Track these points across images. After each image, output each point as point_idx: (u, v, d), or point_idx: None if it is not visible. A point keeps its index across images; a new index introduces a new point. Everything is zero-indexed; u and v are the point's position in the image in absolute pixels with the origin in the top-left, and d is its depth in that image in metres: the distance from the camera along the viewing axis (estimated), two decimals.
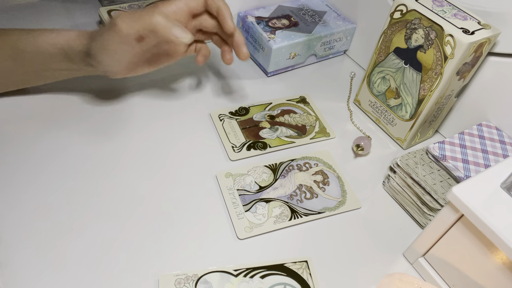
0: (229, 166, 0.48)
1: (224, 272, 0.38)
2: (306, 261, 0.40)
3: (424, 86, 0.47)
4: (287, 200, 0.45)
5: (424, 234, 0.39)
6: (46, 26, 0.62)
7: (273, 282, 0.38)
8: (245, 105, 0.55)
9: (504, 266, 0.33)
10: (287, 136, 0.52)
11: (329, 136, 0.53)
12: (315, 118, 0.55)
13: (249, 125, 0.53)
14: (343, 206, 0.45)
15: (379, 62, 0.52)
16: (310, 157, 0.50)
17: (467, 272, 0.36)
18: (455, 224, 0.36)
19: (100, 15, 0.61)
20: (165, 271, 0.38)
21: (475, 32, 0.42)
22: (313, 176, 0.48)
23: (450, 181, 0.44)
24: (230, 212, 0.43)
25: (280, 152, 0.51)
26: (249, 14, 0.61)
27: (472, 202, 0.33)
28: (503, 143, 0.47)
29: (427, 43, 0.45)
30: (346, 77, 0.63)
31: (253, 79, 0.60)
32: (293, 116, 0.55)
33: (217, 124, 0.52)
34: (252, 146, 0.50)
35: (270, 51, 0.57)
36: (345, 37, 0.63)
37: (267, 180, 0.47)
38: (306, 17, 0.63)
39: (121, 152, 0.47)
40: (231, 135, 0.51)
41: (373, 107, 0.55)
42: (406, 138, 0.52)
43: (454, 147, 0.46)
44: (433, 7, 0.45)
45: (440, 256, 0.39)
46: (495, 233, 0.31)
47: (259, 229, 0.42)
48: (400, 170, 0.45)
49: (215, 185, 0.46)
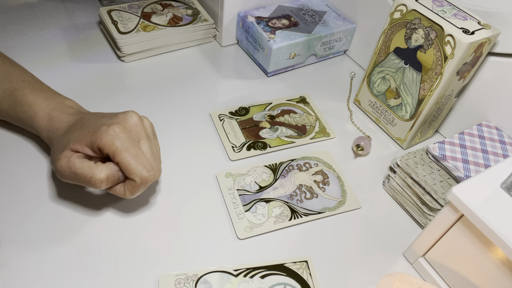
0: (229, 166, 0.48)
1: (224, 272, 0.38)
2: (306, 261, 0.40)
3: (424, 86, 0.47)
4: (287, 200, 0.45)
5: (424, 234, 0.39)
6: (46, 26, 0.62)
7: (273, 282, 0.38)
8: (245, 105, 0.55)
9: (504, 266, 0.33)
10: (287, 136, 0.52)
11: (329, 136, 0.53)
12: (315, 118, 0.55)
13: (249, 125, 0.53)
14: (343, 206, 0.45)
15: (379, 62, 0.52)
16: (310, 157, 0.50)
17: (467, 272, 0.36)
18: (455, 224, 0.36)
19: (100, 15, 0.61)
20: (165, 271, 0.38)
21: (475, 32, 0.42)
22: (313, 176, 0.48)
23: (450, 181, 0.44)
24: (230, 212, 0.43)
25: (280, 152, 0.51)
26: (249, 14, 0.61)
27: (472, 202, 0.33)
28: (503, 143, 0.47)
29: (427, 43, 0.45)
30: (346, 77, 0.63)
31: (253, 79, 0.60)
32: (293, 116, 0.55)
33: (217, 124, 0.52)
34: (252, 146, 0.50)
35: (270, 51, 0.57)
36: (345, 37, 0.63)
37: (267, 180, 0.47)
38: (306, 17, 0.63)
39: None
40: (231, 135, 0.51)
41: (373, 107, 0.55)
42: (406, 138, 0.52)
43: (454, 147, 0.46)
44: (433, 7, 0.45)
45: (440, 256, 0.39)
46: (495, 233, 0.31)
47: (259, 229, 0.42)
48: (400, 170, 0.45)
49: (215, 185, 0.46)
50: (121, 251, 0.39)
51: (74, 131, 0.38)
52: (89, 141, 0.37)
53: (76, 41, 0.61)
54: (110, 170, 0.37)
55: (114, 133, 0.37)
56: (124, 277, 0.37)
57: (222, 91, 0.57)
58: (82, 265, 0.38)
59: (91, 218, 0.41)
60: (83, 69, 0.57)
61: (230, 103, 0.56)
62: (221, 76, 0.60)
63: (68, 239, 0.39)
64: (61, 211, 0.41)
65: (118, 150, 0.36)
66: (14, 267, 0.37)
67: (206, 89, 0.57)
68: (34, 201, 0.42)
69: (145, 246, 0.40)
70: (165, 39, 0.60)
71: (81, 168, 0.36)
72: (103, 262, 0.38)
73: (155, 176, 0.38)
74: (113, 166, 0.37)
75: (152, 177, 0.38)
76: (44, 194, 0.42)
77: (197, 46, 0.64)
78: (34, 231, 0.39)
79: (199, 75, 0.59)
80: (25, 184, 0.43)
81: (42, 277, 0.37)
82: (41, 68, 0.55)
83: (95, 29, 0.64)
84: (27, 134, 0.47)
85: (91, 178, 0.36)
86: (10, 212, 0.41)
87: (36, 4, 0.67)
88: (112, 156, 0.37)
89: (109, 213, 0.42)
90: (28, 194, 0.42)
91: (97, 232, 0.40)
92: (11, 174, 0.44)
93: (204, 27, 0.63)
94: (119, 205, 0.43)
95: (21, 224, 0.40)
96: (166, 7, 0.64)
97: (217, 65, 0.61)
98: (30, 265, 0.37)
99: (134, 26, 0.59)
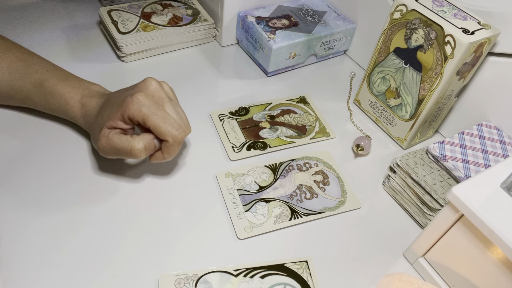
0: (229, 166, 0.48)
1: (224, 272, 0.38)
2: (306, 261, 0.40)
3: (424, 86, 0.47)
4: (287, 200, 0.45)
5: (424, 234, 0.39)
6: (46, 26, 0.62)
7: (273, 282, 0.38)
8: (245, 105, 0.55)
9: (504, 266, 0.33)
10: (287, 136, 0.52)
11: (329, 136, 0.53)
12: (315, 118, 0.55)
13: (249, 125, 0.53)
14: (343, 206, 0.45)
15: (379, 62, 0.52)
16: (310, 157, 0.50)
17: (467, 272, 0.36)
18: (455, 224, 0.36)
19: (100, 15, 0.61)
20: (165, 271, 0.38)
21: (475, 32, 0.42)
22: (313, 176, 0.48)
23: (450, 181, 0.44)
24: (230, 212, 0.43)
25: (280, 152, 0.51)
26: (249, 14, 0.61)
27: (472, 202, 0.33)
28: (503, 143, 0.47)
29: (427, 43, 0.45)
30: (346, 77, 0.63)
31: (253, 79, 0.60)
32: (293, 116, 0.55)
33: (217, 124, 0.52)
34: (252, 146, 0.50)
35: (270, 51, 0.57)
36: (345, 37, 0.63)
37: (267, 180, 0.47)
38: (306, 17, 0.63)
39: None
40: (231, 135, 0.51)
41: (373, 107, 0.55)
42: (406, 138, 0.52)
43: (454, 147, 0.46)
44: (433, 7, 0.45)
45: (440, 256, 0.39)
46: (495, 233, 0.31)
47: (259, 229, 0.42)
48: (400, 170, 0.45)
49: (215, 185, 0.46)
50: (121, 251, 0.39)
51: (104, 110, 0.41)
52: (119, 115, 0.39)
53: (76, 41, 0.61)
54: (146, 139, 0.40)
55: (139, 101, 0.39)
56: (124, 277, 0.37)
57: (222, 91, 0.57)
58: (82, 265, 0.38)
59: (91, 218, 0.41)
60: (83, 69, 0.57)
61: (230, 103, 0.56)
62: (221, 76, 0.60)
63: (68, 239, 0.39)
64: (61, 211, 0.41)
65: (146, 115, 0.39)
66: (14, 267, 0.37)
67: (206, 89, 0.57)
68: (34, 201, 0.42)
69: (145, 246, 0.40)
70: (165, 39, 0.60)
71: (120, 143, 0.39)
72: (103, 262, 0.38)
73: (185, 132, 0.41)
74: (148, 135, 0.40)
75: (182, 134, 0.40)
76: (44, 193, 0.42)
77: (197, 46, 0.64)
78: (34, 231, 0.39)
79: (199, 75, 0.59)
80: (25, 183, 0.43)
81: (42, 277, 0.37)
82: None
83: (95, 29, 0.64)
84: (27, 133, 0.47)
85: (130, 150, 0.39)
86: (10, 212, 0.41)
87: (36, 4, 0.67)
88: (142, 123, 0.39)
89: (109, 213, 0.42)
90: (28, 194, 0.42)
91: (97, 232, 0.40)
92: (11, 173, 0.44)
93: (204, 27, 0.63)
94: (119, 205, 0.43)
95: (21, 224, 0.40)
96: (166, 7, 0.64)
97: (217, 65, 0.61)
98: (30, 265, 0.37)
99: (134, 26, 0.59)
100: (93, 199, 0.43)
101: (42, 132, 0.48)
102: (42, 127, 0.48)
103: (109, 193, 0.43)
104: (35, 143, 0.47)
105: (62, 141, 0.47)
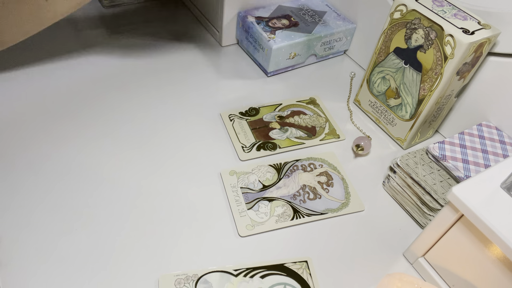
0: (235, 165, 0.48)
1: (224, 272, 0.38)
2: (306, 261, 0.40)
3: (424, 86, 0.47)
4: (290, 199, 0.45)
5: (424, 234, 0.39)
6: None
7: (273, 282, 0.38)
8: (255, 106, 0.55)
9: (503, 266, 0.33)
10: (297, 137, 0.52)
11: (339, 138, 0.53)
12: (325, 119, 0.55)
13: (259, 126, 0.53)
14: (346, 208, 0.45)
15: (379, 62, 0.52)
16: (315, 158, 0.50)
17: (467, 272, 0.36)
18: (455, 224, 0.36)
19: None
20: (165, 271, 0.38)
21: (475, 32, 0.42)
22: (317, 177, 0.48)
23: (450, 181, 0.44)
24: (232, 209, 0.43)
25: (290, 153, 0.50)
26: (249, 14, 0.61)
27: (472, 202, 0.33)
28: (503, 143, 0.47)
29: (427, 43, 0.45)
30: (346, 77, 0.63)
31: (253, 79, 0.60)
32: (303, 117, 0.55)
33: (227, 124, 0.52)
34: (262, 146, 0.50)
35: (270, 51, 0.57)
36: (345, 37, 0.63)
37: (271, 179, 0.47)
38: (306, 17, 0.63)
39: (126, 152, 0.47)
40: (241, 135, 0.51)
41: (373, 107, 0.55)
42: (406, 138, 0.52)
43: (454, 147, 0.46)
44: (433, 7, 0.45)
45: (440, 256, 0.39)
46: (494, 233, 0.31)
47: (260, 228, 0.42)
48: (400, 170, 0.45)
49: (220, 183, 0.46)
50: (121, 250, 0.39)
51: None
52: None
53: (76, 41, 0.61)
54: None
55: None
56: (124, 277, 0.37)
57: (221, 91, 0.57)
58: (82, 265, 0.38)
59: (91, 218, 0.41)
60: (83, 69, 0.57)
61: (230, 103, 0.56)
62: (221, 76, 0.60)
63: (68, 239, 0.39)
64: (62, 211, 0.41)
65: None
66: (14, 267, 0.37)
67: (205, 89, 0.57)
68: (34, 201, 0.42)
69: (145, 246, 0.40)
70: None
71: None
72: (103, 262, 0.38)
73: None
74: None
75: None
76: (45, 193, 0.42)
77: (197, 46, 0.64)
78: (34, 231, 0.39)
79: (199, 75, 0.59)
80: (25, 183, 0.43)
81: (42, 277, 0.37)
82: (41, 68, 0.55)
83: (95, 29, 0.64)
84: (27, 132, 0.47)
85: None
86: (10, 212, 0.41)
87: None
88: None
89: (109, 213, 0.42)
90: (28, 194, 0.42)
91: (98, 232, 0.40)
92: (11, 173, 0.44)
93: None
94: (119, 205, 0.43)
95: (21, 224, 0.40)
96: None
97: (217, 65, 0.61)
98: (30, 265, 0.37)
99: None
100: (94, 199, 0.43)
101: (41, 132, 0.48)
102: (41, 124, 0.48)
103: (109, 192, 0.43)
104: (35, 143, 0.47)
105: (61, 141, 0.47)
